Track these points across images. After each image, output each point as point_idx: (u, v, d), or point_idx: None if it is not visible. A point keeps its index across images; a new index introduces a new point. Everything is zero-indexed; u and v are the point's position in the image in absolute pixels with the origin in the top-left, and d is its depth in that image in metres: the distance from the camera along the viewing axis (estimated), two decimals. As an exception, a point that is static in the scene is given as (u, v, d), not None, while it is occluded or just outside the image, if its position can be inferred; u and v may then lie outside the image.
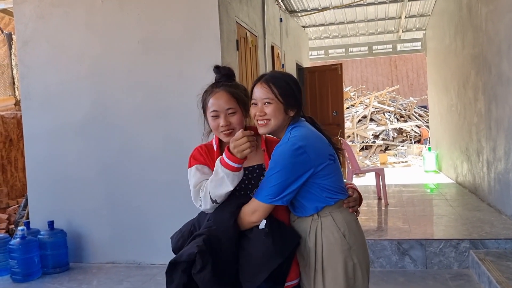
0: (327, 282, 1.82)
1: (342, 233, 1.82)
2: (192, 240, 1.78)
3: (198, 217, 1.92)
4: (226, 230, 1.76)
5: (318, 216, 1.83)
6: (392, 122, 14.38)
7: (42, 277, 4.46)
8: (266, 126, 1.85)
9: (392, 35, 11.56)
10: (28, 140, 5.02)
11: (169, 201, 4.59)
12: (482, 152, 5.96)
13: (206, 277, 1.70)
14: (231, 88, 1.90)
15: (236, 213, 1.78)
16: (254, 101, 1.87)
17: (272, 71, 1.94)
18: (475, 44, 6.05)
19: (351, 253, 1.83)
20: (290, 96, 1.85)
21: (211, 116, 1.89)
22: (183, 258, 1.74)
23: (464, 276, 3.93)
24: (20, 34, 4.99)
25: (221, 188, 1.77)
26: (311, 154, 1.77)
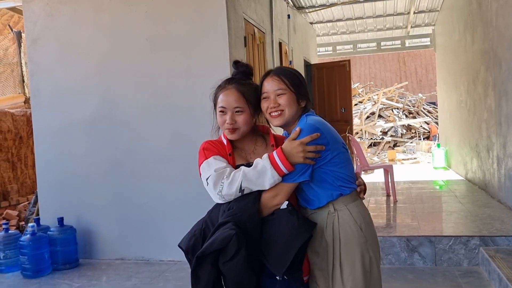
0: (345, 276, 1.81)
1: (359, 226, 1.83)
2: (216, 230, 1.72)
3: (209, 215, 1.89)
4: (252, 216, 1.74)
5: (334, 210, 1.84)
6: (400, 119, 14.29)
7: (52, 273, 4.50)
8: (281, 116, 1.86)
9: (401, 31, 11.49)
10: (37, 137, 5.06)
11: (178, 198, 4.60)
12: (492, 148, 5.91)
13: (240, 263, 1.65)
14: (243, 86, 1.89)
15: (259, 198, 1.77)
16: (265, 94, 1.88)
17: (278, 66, 1.96)
18: (485, 39, 5.99)
19: (367, 246, 1.84)
20: (299, 86, 1.89)
21: (219, 111, 1.90)
22: (215, 246, 1.66)
23: (474, 273, 3.90)
24: (29, 32, 5.03)
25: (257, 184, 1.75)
26: (329, 138, 1.80)
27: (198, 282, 1.71)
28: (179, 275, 4.23)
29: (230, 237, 1.64)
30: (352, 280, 1.81)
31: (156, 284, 4.06)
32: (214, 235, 1.70)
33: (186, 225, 4.99)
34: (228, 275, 1.69)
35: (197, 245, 1.78)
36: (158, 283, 4.07)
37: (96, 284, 4.15)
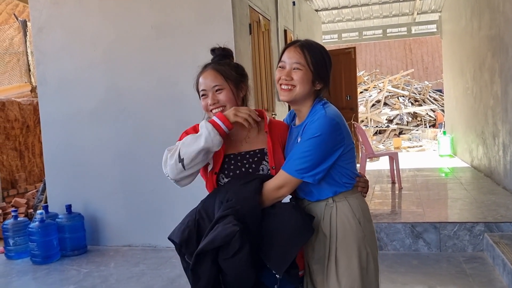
0: (340, 271, 1.73)
1: (357, 219, 1.75)
2: (216, 224, 1.60)
3: (202, 204, 1.77)
4: (252, 208, 1.63)
5: (333, 201, 1.75)
6: (406, 106, 14.24)
7: (61, 259, 4.57)
8: (290, 92, 1.74)
9: (407, 18, 11.37)
10: (44, 126, 5.10)
11: (184, 185, 4.63)
12: (498, 135, 5.89)
13: (243, 259, 1.55)
14: (219, 65, 1.83)
15: (260, 189, 1.67)
16: (281, 64, 1.76)
17: (308, 39, 1.85)
18: (492, 26, 5.94)
19: (365, 241, 1.75)
20: (322, 67, 1.76)
21: (201, 96, 1.84)
22: (217, 243, 1.55)
23: (478, 259, 3.92)
24: (35, 20, 5.04)
25: (193, 144, 1.67)
26: (344, 133, 1.71)
27: (198, 280, 1.60)
28: (186, 261, 4.28)
29: (234, 233, 1.53)
30: (347, 275, 1.72)
31: (163, 270, 4.11)
32: (214, 231, 1.58)
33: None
34: (228, 272, 1.59)
35: (192, 237, 1.67)
36: (165, 269, 4.12)
37: (104, 270, 4.21)
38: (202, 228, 1.69)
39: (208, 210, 1.72)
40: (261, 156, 1.81)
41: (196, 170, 1.73)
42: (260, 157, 1.81)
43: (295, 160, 1.67)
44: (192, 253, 1.63)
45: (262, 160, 1.80)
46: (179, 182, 1.77)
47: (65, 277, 4.09)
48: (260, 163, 1.80)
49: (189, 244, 1.66)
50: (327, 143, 1.65)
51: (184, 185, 1.81)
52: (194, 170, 1.72)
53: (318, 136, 1.64)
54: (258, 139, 1.84)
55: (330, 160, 1.68)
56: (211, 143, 1.67)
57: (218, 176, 1.80)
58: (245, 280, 1.62)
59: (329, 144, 1.66)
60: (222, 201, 1.68)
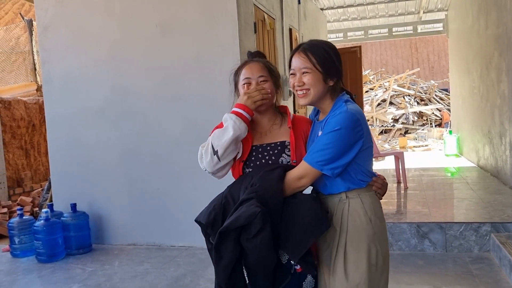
0: (348, 266, 1.76)
1: (369, 217, 1.78)
2: (240, 206, 1.69)
3: (229, 190, 1.86)
4: (275, 194, 1.71)
5: (346, 197, 1.80)
6: (412, 106, 14.17)
7: (66, 257, 4.58)
8: (306, 96, 1.81)
9: (413, 16, 11.31)
10: (50, 125, 5.12)
11: (189, 184, 4.64)
12: (505, 134, 5.84)
13: (264, 240, 1.62)
14: (263, 60, 1.96)
15: (283, 177, 1.75)
16: (292, 71, 1.83)
17: (311, 39, 1.90)
18: (499, 24, 5.89)
19: (375, 239, 1.78)
20: (329, 64, 1.80)
21: (242, 84, 1.91)
22: (240, 222, 1.63)
23: (484, 260, 3.89)
24: (40, 19, 5.05)
25: (223, 136, 1.80)
26: (365, 130, 1.76)
27: (220, 258, 1.69)
28: (190, 260, 4.29)
29: (255, 214, 1.61)
30: (355, 271, 1.75)
31: (168, 269, 4.11)
32: (238, 211, 1.67)
33: (197, 211, 5.02)
34: (250, 252, 1.66)
35: (218, 220, 1.76)
36: (170, 268, 4.12)
37: (108, 268, 4.22)
38: (227, 211, 1.77)
39: (234, 195, 1.81)
40: (281, 149, 1.89)
41: (230, 159, 1.85)
42: (280, 149, 1.89)
43: (316, 152, 1.73)
44: (216, 233, 1.72)
45: (282, 153, 1.88)
46: (216, 175, 1.89)
47: (70, 276, 4.10)
48: (280, 155, 1.88)
49: (215, 226, 1.75)
50: (346, 137, 1.70)
51: (221, 177, 1.93)
52: (228, 160, 1.85)
53: (338, 129, 1.69)
54: (281, 132, 1.92)
55: (349, 155, 1.72)
56: (239, 130, 1.80)
57: (244, 165, 1.90)
58: (266, 261, 1.69)
59: (348, 139, 1.71)
60: (247, 186, 1.77)
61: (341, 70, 1.85)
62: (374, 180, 1.86)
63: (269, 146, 1.90)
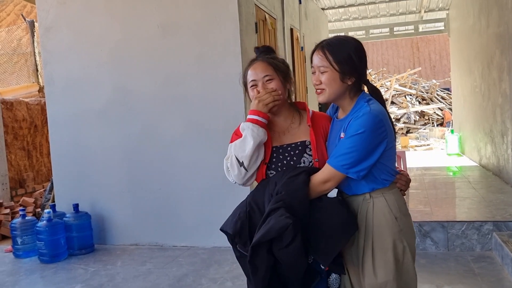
0: (377, 263, 1.77)
1: (394, 215, 1.78)
2: (268, 217, 1.68)
3: (252, 196, 1.84)
4: (302, 201, 1.70)
5: (370, 197, 1.79)
6: (413, 105, 14.16)
7: (69, 258, 4.59)
8: (322, 94, 1.81)
9: (414, 16, 11.31)
10: (52, 126, 5.13)
11: (191, 184, 4.64)
12: (506, 133, 5.84)
13: (296, 248, 1.63)
14: (268, 58, 1.90)
15: (308, 182, 1.73)
16: (313, 69, 1.83)
17: (333, 37, 1.89)
18: (500, 23, 5.89)
19: (401, 235, 1.79)
20: (347, 63, 1.76)
21: (250, 87, 1.89)
22: (272, 235, 1.62)
23: (486, 258, 3.89)
24: (42, 20, 5.06)
25: (245, 146, 1.79)
26: (388, 130, 1.74)
27: (256, 270, 1.68)
28: (192, 260, 4.29)
29: (287, 225, 1.61)
30: (383, 267, 1.77)
31: (170, 269, 4.12)
32: (268, 223, 1.66)
33: (199, 211, 5.02)
34: (283, 261, 1.68)
35: (244, 228, 1.75)
36: (172, 268, 4.13)
37: (111, 268, 4.23)
38: (253, 219, 1.77)
39: (258, 202, 1.80)
40: (302, 149, 1.86)
41: (257, 166, 1.85)
42: (301, 149, 1.86)
43: (340, 156, 1.71)
44: (244, 243, 1.74)
45: (304, 153, 1.86)
46: (246, 184, 1.90)
47: (72, 276, 4.11)
48: (302, 155, 1.85)
49: (242, 235, 1.76)
50: (370, 140, 1.69)
51: (250, 185, 1.93)
52: (255, 168, 1.84)
53: (362, 132, 1.68)
54: (300, 131, 1.89)
55: (374, 157, 1.72)
56: (258, 137, 1.79)
57: (266, 167, 1.88)
58: (298, 267, 1.70)
59: (372, 141, 1.70)
60: (272, 194, 1.76)
61: (361, 69, 1.80)
62: (398, 178, 1.86)
63: (289, 146, 1.87)
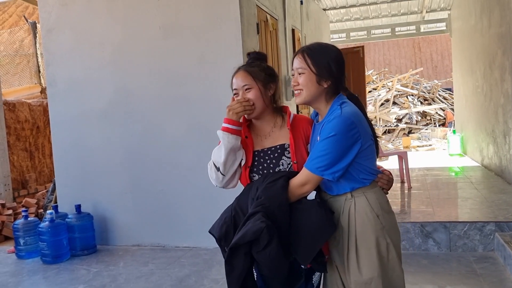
0: (361, 260, 1.83)
1: (375, 213, 1.84)
2: (247, 221, 1.75)
3: (237, 201, 1.92)
4: (280, 205, 1.77)
5: (351, 196, 1.84)
6: (415, 105, 14.14)
7: (71, 259, 4.60)
8: (299, 96, 1.87)
9: (416, 16, 11.30)
10: (54, 127, 5.14)
11: (192, 185, 4.65)
12: (509, 133, 5.83)
13: (273, 252, 1.70)
14: (249, 67, 1.97)
15: (287, 186, 1.80)
16: (292, 71, 1.91)
17: (314, 42, 1.95)
18: (502, 23, 5.88)
19: (384, 233, 1.84)
20: (324, 66, 1.83)
21: (234, 95, 1.97)
22: (247, 238, 1.70)
23: (489, 259, 3.88)
24: (44, 22, 5.08)
25: (220, 152, 1.90)
26: (361, 130, 1.79)
27: (232, 270, 1.76)
28: (194, 260, 4.30)
29: (261, 229, 1.68)
30: (368, 265, 1.82)
31: (172, 269, 4.12)
32: (246, 227, 1.73)
33: (201, 212, 5.03)
34: (262, 263, 1.74)
35: (229, 232, 1.83)
36: (174, 269, 4.13)
37: (113, 269, 4.23)
38: (238, 223, 1.84)
39: (242, 206, 1.88)
40: (281, 152, 1.93)
41: (233, 171, 1.94)
42: (280, 152, 1.93)
43: (315, 159, 1.77)
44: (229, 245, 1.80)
45: (282, 156, 1.93)
46: (227, 187, 2.00)
47: (75, 277, 4.12)
48: (280, 158, 1.93)
49: (227, 238, 1.83)
50: (343, 142, 1.74)
51: (233, 187, 2.02)
52: (232, 172, 1.94)
53: (334, 135, 1.73)
54: (281, 135, 1.96)
55: (347, 158, 1.76)
56: (229, 144, 1.88)
57: (249, 171, 1.96)
58: (279, 269, 1.77)
59: (345, 143, 1.74)
60: (253, 198, 1.83)
61: (338, 73, 1.86)
62: (380, 177, 1.91)
63: (269, 150, 1.95)
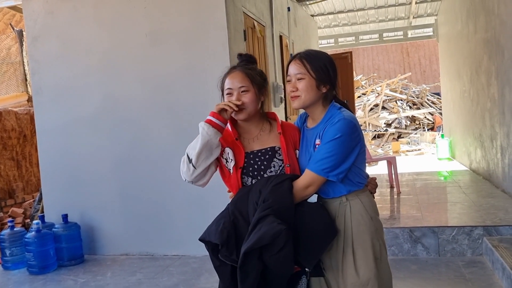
0: (358, 262, 1.86)
1: (369, 215, 1.90)
2: (257, 224, 1.72)
3: (234, 205, 1.87)
4: (288, 207, 1.78)
5: (346, 200, 1.90)
6: (404, 110, 14.23)
7: (58, 269, 4.54)
8: (297, 100, 1.90)
9: (403, 22, 11.40)
10: (40, 135, 5.09)
11: (181, 193, 4.61)
12: (495, 137, 5.88)
13: (288, 254, 1.70)
14: (247, 69, 1.98)
15: (292, 188, 1.82)
16: (288, 77, 1.94)
17: (307, 50, 2.03)
18: (487, 28, 5.94)
19: (377, 234, 1.91)
20: (323, 72, 1.89)
21: (226, 94, 1.97)
22: (265, 241, 1.67)
23: (477, 263, 3.89)
24: (29, 30, 5.04)
25: (196, 143, 1.88)
26: (360, 134, 1.87)
27: (246, 277, 1.72)
28: (183, 269, 4.26)
29: (280, 232, 1.67)
30: (365, 266, 1.86)
31: (160, 278, 4.08)
32: (260, 230, 1.69)
33: (190, 220, 4.99)
34: (272, 267, 1.72)
35: (231, 237, 1.78)
36: (162, 278, 4.09)
37: (101, 279, 4.18)
38: (238, 228, 1.81)
39: (241, 211, 1.84)
40: (272, 154, 1.95)
41: (206, 166, 1.90)
42: (271, 154, 1.95)
43: (320, 160, 1.81)
44: (231, 252, 1.76)
45: (274, 158, 1.95)
46: (196, 183, 1.96)
47: (62, 287, 4.06)
48: (272, 160, 1.94)
49: (229, 244, 1.77)
50: (347, 144, 1.81)
51: (203, 185, 1.99)
52: (204, 167, 1.90)
53: (340, 137, 1.79)
54: (270, 138, 1.98)
55: (350, 159, 1.83)
56: (207, 136, 1.86)
57: (241, 172, 1.95)
58: (287, 272, 1.78)
59: (349, 144, 1.82)
60: (257, 202, 1.81)
61: (334, 80, 1.93)
62: (369, 181, 1.99)
63: (259, 152, 1.96)
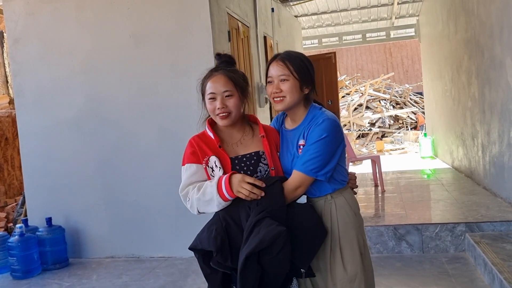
0: (346, 258, 1.89)
1: (353, 211, 1.94)
2: (254, 228, 1.71)
3: (225, 211, 1.82)
4: (281, 209, 1.78)
5: (331, 198, 1.92)
6: (388, 110, 14.38)
7: (42, 273, 4.48)
8: (282, 102, 1.89)
9: (386, 22, 11.53)
10: (23, 138, 5.02)
11: (166, 195, 4.60)
12: (476, 136, 5.98)
13: (286, 256, 1.70)
14: (229, 72, 1.91)
15: (283, 189, 1.82)
16: (270, 79, 1.92)
17: (286, 51, 2.00)
18: (467, 28, 6.05)
19: (360, 230, 1.96)
20: (305, 73, 1.91)
21: (208, 99, 1.89)
22: (265, 244, 1.65)
23: (460, 259, 3.96)
24: (10, 31, 4.97)
25: (207, 208, 1.83)
26: (342, 134, 1.90)
27: (246, 281, 1.71)
28: (170, 271, 4.24)
29: (280, 233, 1.67)
30: (352, 262, 1.89)
31: (147, 280, 4.06)
32: (258, 233, 1.68)
33: (176, 222, 4.97)
34: (270, 269, 1.72)
35: (225, 243, 1.75)
36: (149, 280, 4.07)
37: (86, 283, 4.14)
38: (231, 234, 1.78)
39: (233, 216, 1.81)
40: (257, 159, 1.92)
41: None
42: (256, 159, 1.91)
43: (308, 161, 1.81)
44: (225, 258, 1.74)
45: (259, 162, 1.91)
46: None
47: (46, 292, 4.01)
48: (257, 165, 1.91)
49: (224, 250, 1.75)
50: (333, 143, 1.84)
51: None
52: None
53: (326, 137, 1.81)
54: (253, 143, 1.95)
55: (336, 158, 1.85)
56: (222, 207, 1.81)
57: None
58: (282, 274, 1.78)
59: (334, 144, 1.84)
60: (250, 206, 1.78)
61: (314, 80, 1.95)
62: (350, 178, 2.02)
63: (244, 157, 1.91)
